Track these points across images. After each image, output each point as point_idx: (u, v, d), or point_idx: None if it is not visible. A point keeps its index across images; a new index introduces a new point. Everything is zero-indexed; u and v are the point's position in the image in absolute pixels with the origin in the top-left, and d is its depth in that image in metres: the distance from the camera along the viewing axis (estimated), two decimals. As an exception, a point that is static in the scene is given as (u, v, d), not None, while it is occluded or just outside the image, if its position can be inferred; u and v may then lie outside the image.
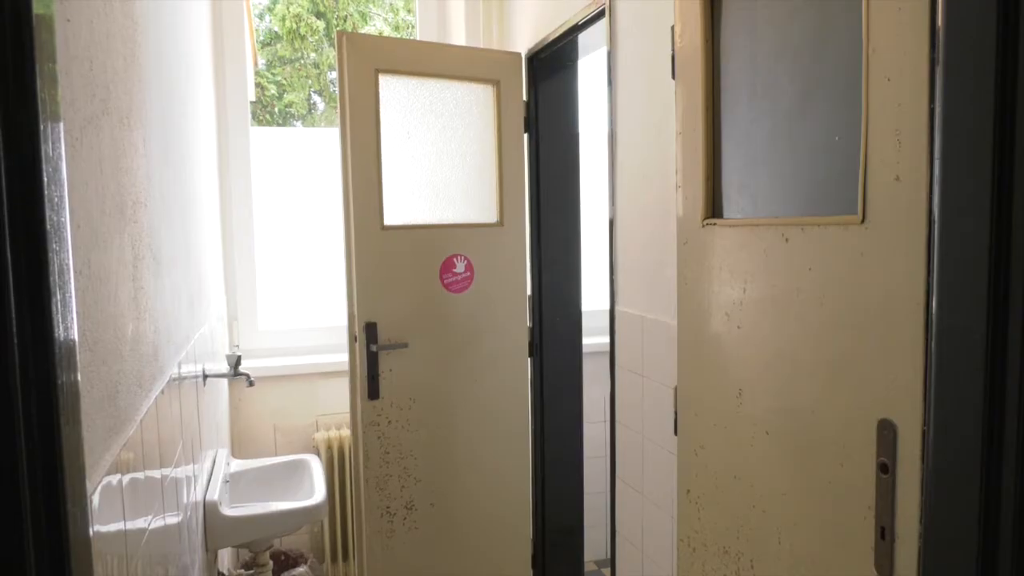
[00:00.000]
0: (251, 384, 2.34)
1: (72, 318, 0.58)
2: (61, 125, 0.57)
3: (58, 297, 0.54)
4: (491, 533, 2.90)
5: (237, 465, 2.44)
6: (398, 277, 2.63)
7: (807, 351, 1.35)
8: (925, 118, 1.09)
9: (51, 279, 0.52)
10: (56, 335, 0.54)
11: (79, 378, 0.68)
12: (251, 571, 2.22)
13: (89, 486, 0.77)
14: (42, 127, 0.51)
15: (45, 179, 0.52)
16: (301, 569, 2.87)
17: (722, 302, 1.60)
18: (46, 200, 0.52)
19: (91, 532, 0.77)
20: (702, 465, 1.70)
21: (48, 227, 0.52)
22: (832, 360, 1.29)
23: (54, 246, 0.54)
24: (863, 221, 1.21)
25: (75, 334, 0.59)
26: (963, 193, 1.00)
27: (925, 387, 1.08)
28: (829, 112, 1.35)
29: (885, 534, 1.16)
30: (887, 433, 1.15)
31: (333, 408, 3.15)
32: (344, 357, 2.69)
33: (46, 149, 0.52)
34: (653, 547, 2.06)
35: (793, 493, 1.40)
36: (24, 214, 0.51)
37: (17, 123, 0.50)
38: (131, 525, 1.01)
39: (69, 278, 0.58)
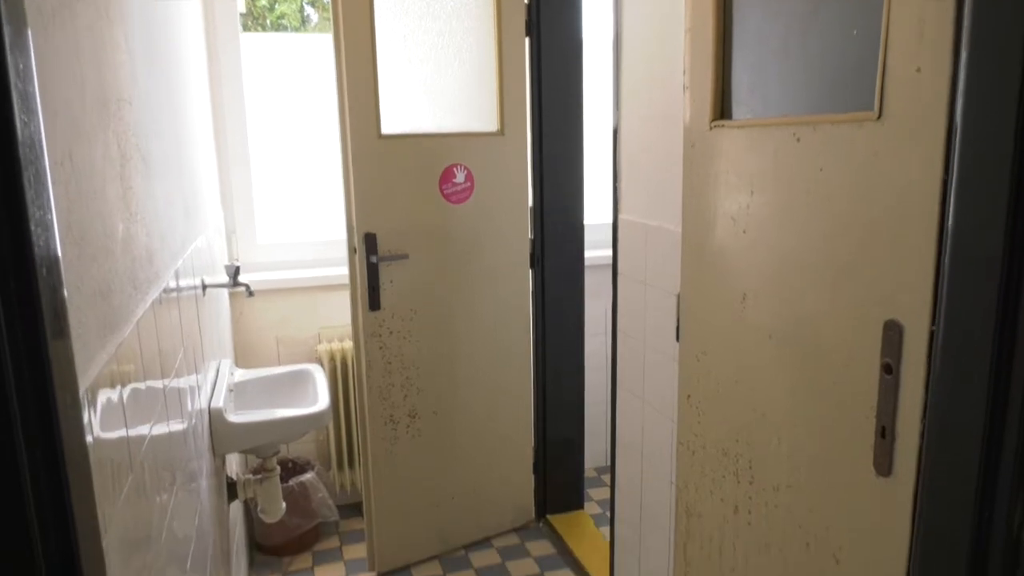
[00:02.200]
0: (251, 294, 2.33)
1: (48, 196, 0.55)
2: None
3: (30, 173, 0.51)
4: (493, 441, 2.96)
5: (241, 375, 2.46)
6: (397, 187, 2.58)
7: (814, 254, 1.32)
8: (952, 6, 1.02)
9: (19, 151, 0.49)
10: (31, 214, 0.51)
11: (63, 267, 0.66)
12: (259, 476, 2.27)
13: (83, 383, 0.76)
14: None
15: (6, 40, 0.48)
16: (308, 475, 2.94)
17: (728, 206, 1.56)
18: (9, 67, 0.48)
19: (89, 438, 0.76)
20: (704, 371, 1.70)
21: (13, 93, 0.48)
22: (839, 262, 1.26)
23: (22, 117, 0.50)
24: (879, 117, 1.16)
25: (53, 216, 0.56)
26: (988, 85, 0.95)
27: (936, 288, 1.06)
28: (847, 3, 1.28)
29: (885, 433, 1.17)
30: (892, 334, 1.14)
31: (335, 321, 3.15)
32: (345, 271, 2.68)
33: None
34: (652, 452, 2.09)
35: (794, 396, 1.40)
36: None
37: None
38: (132, 430, 1.01)
39: (41, 154, 0.54)
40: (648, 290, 2.03)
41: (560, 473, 3.16)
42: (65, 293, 0.69)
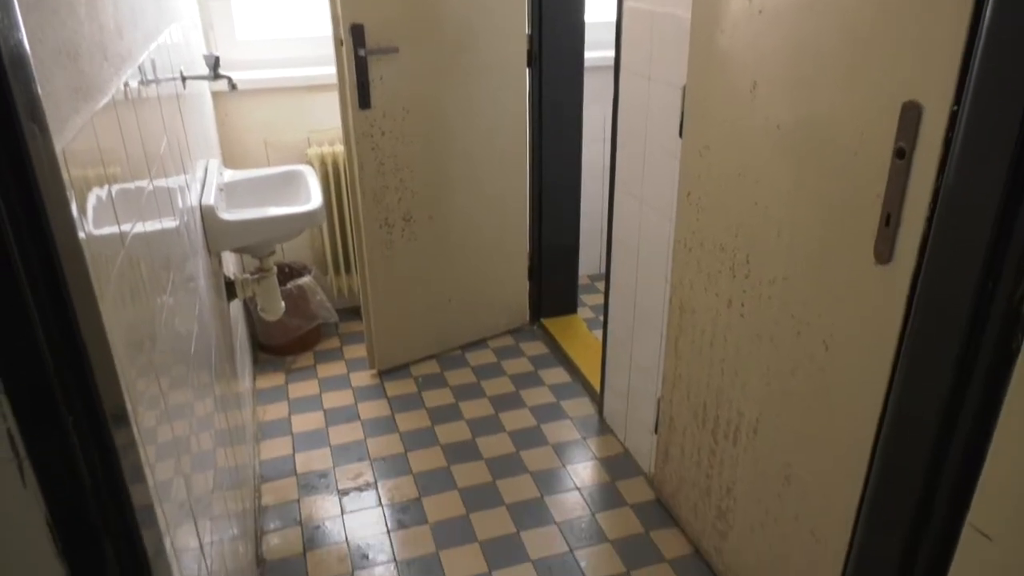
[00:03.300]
0: (233, 87, 2.21)
1: None
2: None
3: None
4: (489, 245, 2.97)
5: (231, 175, 2.40)
6: (384, -28, 2.38)
7: (834, 33, 1.23)
8: None
9: None
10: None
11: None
12: (256, 275, 2.28)
13: (59, 143, 0.72)
14: None
15: None
16: (306, 278, 2.98)
17: (745, -16, 1.44)
18: None
19: (81, 234, 0.73)
20: (706, 166, 1.66)
21: None
22: (860, 41, 1.18)
23: None
24: None
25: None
26: None
27: (964, 66, 1.00)
28: None
29: (890, 220, 1.15)
30: (910, 115, 1.09)
31: (325, 124, 3.04)
32: (333, 71, 2.53)
33: None
34: (648, 253, 2.09)
35: (799, 188, 1.37)
36: None
37: None
38: (117, 206, 0.98)
39: None
40: (652, 84, 1.94)
41: (555, 278, 3.21)
42: (39, 90, 0.64)
